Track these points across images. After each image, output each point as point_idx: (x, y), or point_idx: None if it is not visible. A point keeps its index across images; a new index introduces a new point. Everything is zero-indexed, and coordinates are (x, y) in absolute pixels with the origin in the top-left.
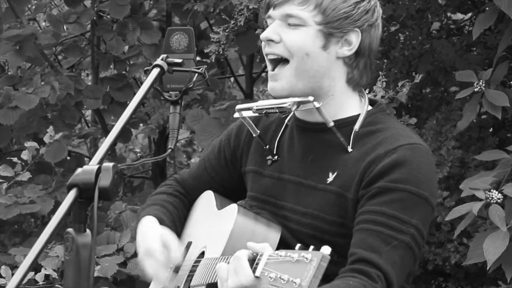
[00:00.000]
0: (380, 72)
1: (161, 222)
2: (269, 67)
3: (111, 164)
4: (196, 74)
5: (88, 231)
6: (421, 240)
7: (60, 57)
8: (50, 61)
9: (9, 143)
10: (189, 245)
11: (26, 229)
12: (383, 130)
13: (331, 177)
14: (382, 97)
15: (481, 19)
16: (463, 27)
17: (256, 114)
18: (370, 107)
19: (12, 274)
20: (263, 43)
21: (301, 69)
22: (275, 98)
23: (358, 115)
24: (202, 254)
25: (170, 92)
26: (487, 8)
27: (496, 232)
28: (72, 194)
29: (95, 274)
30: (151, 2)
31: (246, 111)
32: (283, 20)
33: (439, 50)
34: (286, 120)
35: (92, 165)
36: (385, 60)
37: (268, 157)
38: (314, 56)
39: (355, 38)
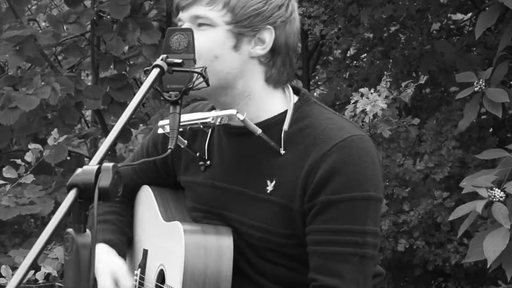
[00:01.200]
0: (385, 72)
1: (109, 242)
2: None
3: (111, 164)
4: (196, 74)
5: (88, 231)
6: (377, 241)
7: (60, 58)
8: (50, 61)
9: (9, 143)
10: (145, 253)
11: (26, 230)
12: (312, 125)
13: (270, 186)
14: (386, 97)
15: (483, 18)
16: (463, 27)
17: (180, 129)
18: (296, 98)
19: (12, 275)
20: None
21: (209, 71)
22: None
23: (285, 112)
24: (161, 273)
25: (170, 92)
26: (487, 8)
27: (496, 230)
28: (72, 194)
29: (95, 275)
30: (151, 2)
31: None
32: (192, 22)
33: (440, 51)
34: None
35: (92, 165)
36: (390, 60)
37: (200, 163)
38: (224, 58)
39: (268, 36)
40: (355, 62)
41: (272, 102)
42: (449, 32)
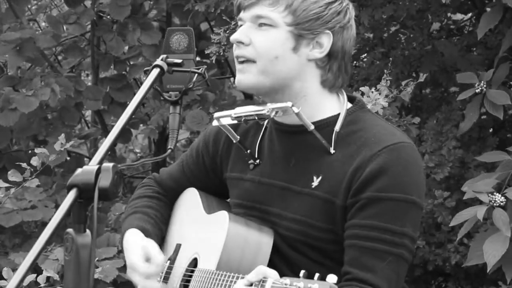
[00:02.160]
0: (385, 71)
1: (144, 231)
2: (237, 66)
3: (111, 164)
4: (196, 75)
5: (88, 231)
6: (413, 246)
7: (60, 58)
8: (50, 61)
9: (9, 144)
10: (178, 248)
11: (26, 230)
12: (364, 129)
13: (315, 181)
14: (386, 96)
15: (486, 18)
16: (463, 27)
17: (235, 122)
18: (349, 104)
19: None
20: (234, 45)
21: (269, 71)
22: (241, 91)
23: (338, 114)
24: (194, 261)
25: (170, 93)
26: (487, 9)
27: (496, 234)
28: (72, 194)
29: (95, 276)
30: (151, 2)
31: (224, 118)
32: (253, 22)
33: (441, 51)
34: (265, 123)
35: (92, 165)
36: (390, 58)
37: (250, 161)
38: (283, 59)
39: (326, 41)
40: (355, 62)
41: (326, 104)
42: (449, 32)
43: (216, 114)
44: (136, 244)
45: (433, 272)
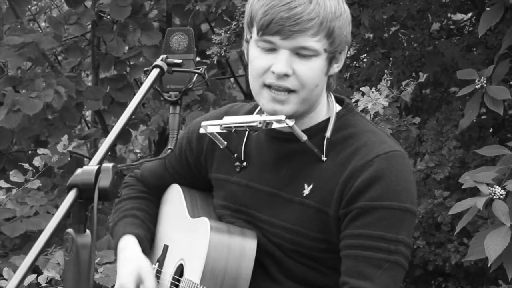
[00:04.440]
0: (385, 71)
1: (139, 239)
2: (273, 94)
3: (111, 164)
4: (196, 75)
5: (88, 231)
6: (409, 252)
7: (60, 58)
8: (51, 61)
9: (9, 144)
10: (165, 249)
11: (26, 231)
12: (354, 135)
13: (307, 189)
14: (387, 96)
15: (487, 17)
16: (463, 27)
17: (224, 131)
18: (338, 107)
19: None
20: (270, 73)
21: (308, 99)
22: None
23: (328, 119)
24: (180, 267)
25: (170, 93)
26: (487, 9)
27: (498, 229)
28: (72, 194)
29: (96, 281)
30: (152, 2)
31: (212, 127)
32: (293, 51)
33: (442, 51)
34: None
35: (92, 166)
36: (391, 59)
37: (236, 164)
38: (321, 84)
39: (343, 55)
40: (355, 62)
41: (319, 108)
42: (449, 32)
43: (204, 123)
44: (132, 263)
45: (433, 272)
